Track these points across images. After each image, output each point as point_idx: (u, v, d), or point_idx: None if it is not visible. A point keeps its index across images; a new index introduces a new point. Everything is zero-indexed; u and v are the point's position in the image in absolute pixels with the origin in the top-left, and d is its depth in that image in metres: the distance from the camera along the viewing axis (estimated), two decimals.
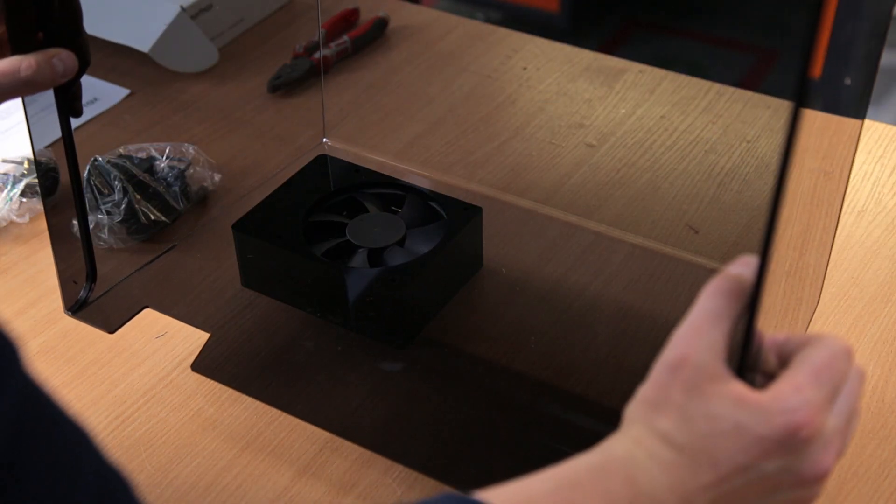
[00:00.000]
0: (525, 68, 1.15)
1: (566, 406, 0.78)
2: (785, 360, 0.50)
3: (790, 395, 0.47)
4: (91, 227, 0.88)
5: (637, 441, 0.50)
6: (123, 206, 0.91)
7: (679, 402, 0.49)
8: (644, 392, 0.51)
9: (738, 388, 0.48)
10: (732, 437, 0.47)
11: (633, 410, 0.51)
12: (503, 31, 1.22)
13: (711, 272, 0.88)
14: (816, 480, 0.49)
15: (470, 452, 0.75)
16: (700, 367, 0.48)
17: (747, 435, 0.47)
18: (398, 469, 0.74)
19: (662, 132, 1.04)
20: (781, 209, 0.45)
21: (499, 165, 1.01)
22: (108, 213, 0.91)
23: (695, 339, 0.49)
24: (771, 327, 0.59)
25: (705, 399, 0.48)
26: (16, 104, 0.73)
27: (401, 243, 0.84)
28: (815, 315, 0.85)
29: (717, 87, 1.09)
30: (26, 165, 0.99)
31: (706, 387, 0.48)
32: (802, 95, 0.43)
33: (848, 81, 0.67)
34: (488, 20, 1.30)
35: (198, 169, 0.97)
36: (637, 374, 0.79)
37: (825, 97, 0.65)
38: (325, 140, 1.05)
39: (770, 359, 0.51)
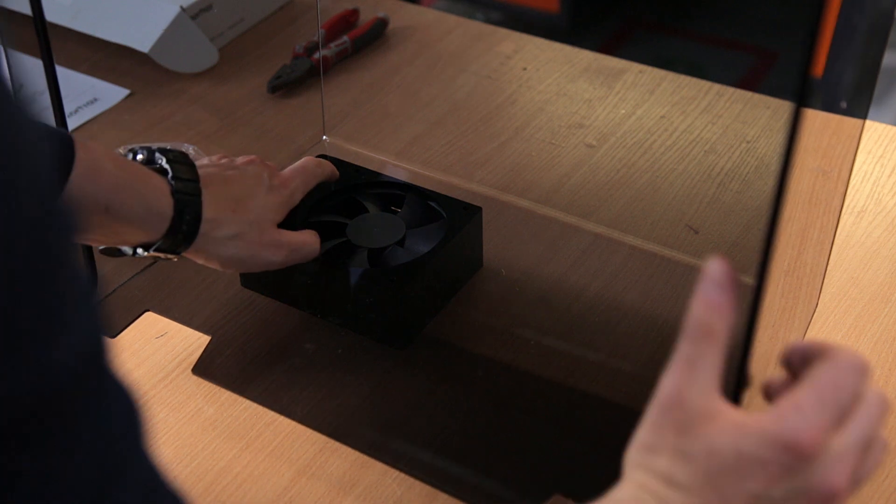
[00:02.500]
0: (525, 69, 1.15)
1: (566, 407, 0.78)
2: (806, 363, 0.49)
3: (790, 414, 0.46)
4: None
5: (642, 486, 0.49)
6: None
7: (674, 443, 0.48)
8: (640, 435, 0.50)
9: (735, 416, 0.47)
10: (736, 468, 0.46)
11: (632, 455, 0.51)
12: (503, 32, 1.22)
13: None
14: (826, 500, 0.47)
15: (469, 454, 0.75)
16: (692, 407, 0.48)
17: (750, 462, 0.46)
18: (398, 470, 0.74)
19: (662, 132, 1.04)
20: (782, 210, 0.45)
21: (499, 165, 1.01)
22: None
23: (684, 379, 0.49)
24: (770, 327, 0.59)
25: (702, 436, 0.47)
26: None
27: (401, 243, 0.84)
28: (814, 315, 0.85)
29: (717, 87, 1.09)
30: None
31: (701, 424, 0.47)
32: (803, 96, 0.43)
33: (844, 105, 0.67)
34: (488, 20, 1.30)
35: None
36: (637, 374, 0.79)
37: (826, 97, 0.65)
38: (325, 139, 1.05)
39: (794, 360, 0.50)
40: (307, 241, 0.80)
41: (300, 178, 0.83)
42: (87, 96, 1.10)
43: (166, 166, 0.72)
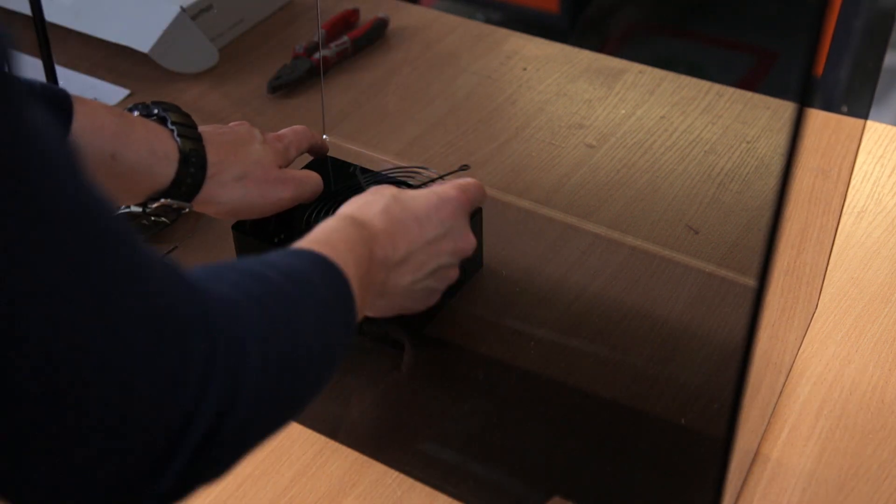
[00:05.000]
0: (525, 69, 1.15)
1: (566, 407, 0.78)
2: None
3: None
4: None
5: (345, 216, 0.66)
6: (123, 206, 0.90)
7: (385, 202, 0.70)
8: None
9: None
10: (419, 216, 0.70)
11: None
12: (503, 32, 1.22)
13: (711, 274, 0.88)
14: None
15: (469, 454, 0.75)
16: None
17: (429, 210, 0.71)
18: (398, 470, 0.74)
19: (662, 133, 1.04)
20: (784, 209, 0.45)
21: (499, 166, 1.01)
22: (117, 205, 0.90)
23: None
24: (770, 327, 0.59)
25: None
26: None
27: None
28: (815, 315, 0.85)
29: (716, 87, 1.09)
30: None
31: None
32: (806, 97, 0.43)
33: (845, 110, 0.67)
34: (488, 21, 1.30)
35: None
36: (636, 374, 0.79)
37: (825, 97, 0.65)
38: (325, 139, 1.05)
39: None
40: (312, 175, 0.82)
41: (292, 136, 0.84)
42: (87, 96, 1.10)
43: (164, 114, 0.72)
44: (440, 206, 0.71)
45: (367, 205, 0.68)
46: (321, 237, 0.60)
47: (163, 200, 0.71)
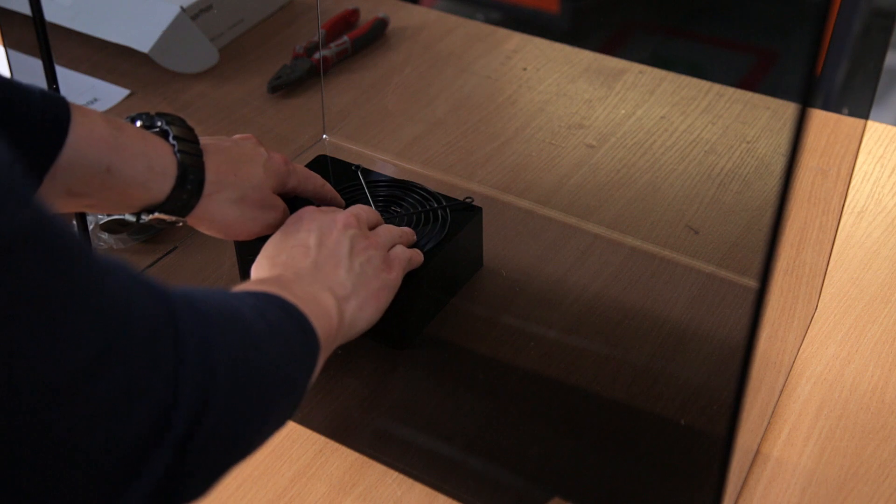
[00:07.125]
0: (525, 69, 1.15)
1: (566, 407, 0.78)
2: None
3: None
4: (91, 227, 0.88)
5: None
6: (117, 214, 0.90)
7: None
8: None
9: None
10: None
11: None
12: (503, 32, 1.22)
13: (711, 274, 0.88)
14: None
15: (469, 454, 0.75)
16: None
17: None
18: (398, 470, 0.74)
19: (662, 133, 1.04)
20: (786, 209, 0.45)
21: (499, 166, 1.01)
22: (109, 213, 0.90)
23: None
24: (769, 326, 0.59)
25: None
26: None
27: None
28: (815, 315, 0.85)
29: (717, 87, 1.09)
30: None
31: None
32: (807, 97, 0.43)
33: (845, 110, 0.67)
34: (488, 21, 1.30)
35: None
36: (636, 375, 0.79)
37: (825, 96, 0.65)
38: (325, 139, 1.05)
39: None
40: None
41: (302, 172, 0.83)
42: (87, 96, 1.10)
43: (167, 128, 0.72)
44: (297, 218, 0.76)
45: (261, 268, 0.73)
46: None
47: (156, 214, 0.71)
